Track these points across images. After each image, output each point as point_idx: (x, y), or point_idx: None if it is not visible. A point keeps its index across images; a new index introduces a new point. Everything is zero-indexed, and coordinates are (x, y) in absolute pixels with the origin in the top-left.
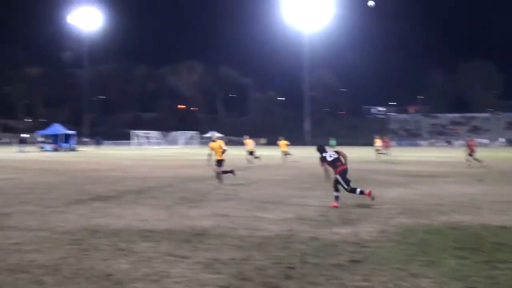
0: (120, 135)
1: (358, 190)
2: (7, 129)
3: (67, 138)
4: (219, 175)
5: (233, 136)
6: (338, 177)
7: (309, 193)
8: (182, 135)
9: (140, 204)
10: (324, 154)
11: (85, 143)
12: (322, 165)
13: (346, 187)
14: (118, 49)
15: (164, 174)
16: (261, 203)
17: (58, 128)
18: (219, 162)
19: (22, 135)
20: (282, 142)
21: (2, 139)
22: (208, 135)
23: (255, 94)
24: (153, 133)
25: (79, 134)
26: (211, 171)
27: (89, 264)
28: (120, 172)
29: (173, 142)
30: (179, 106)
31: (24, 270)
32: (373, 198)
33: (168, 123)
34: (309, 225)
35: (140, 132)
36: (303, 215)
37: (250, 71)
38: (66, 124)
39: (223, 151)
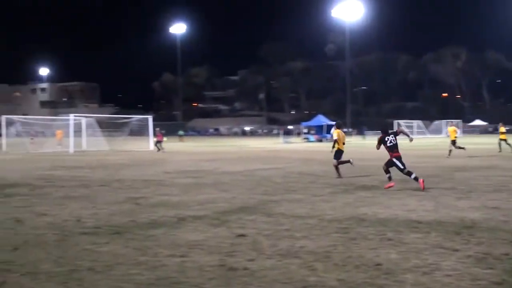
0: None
1: (414, 175)
2: (274, 121)
3: (330, 129)
4: (337, 168)
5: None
6: (395, 160)
7: None
8: (445, 124)
9: (405, 194)
10: (386, 138)
11: (348, 133)
12: (378, 147)
13: (402, 168)
14: (379, 39)
15: (427, 163)
16: None
17: (321, 119)
18: (337, 153)
19: (288, 127)
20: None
21: (270, 131)
22: (473, 123)
23: None
24: (415, 123)
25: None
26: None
27: (357, 252)
28: (384, 161)
29: (436, 131)
30: (442, 94)
31: (295, 255)
32: (424, 188)
33: (430, 112)
34: None
35: (402, 122)
36: None
37: None
38: (328, 115)
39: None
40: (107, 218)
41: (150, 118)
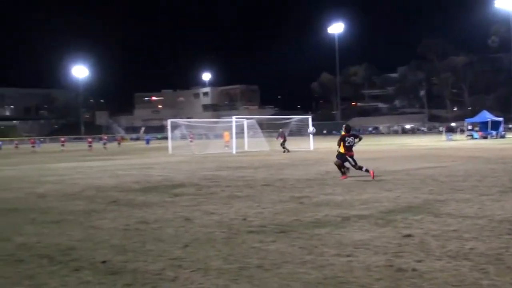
0: None
1: (364, 168)
2: (436, 119)
3: (495, 125)
4: (358, 167)
5: None
6: (349, 158)
7: None
8: None
9: None
10: (346, 138)
11: None
12: (340, 145)
13: (354, 164)
14: None
15: None
16: None
17: (486, 115)
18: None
19: (450, 124)
20: None
21: (431, 129)
22: None
23: None
24: None
25: (508, 120)
26: None
27: None
28: None
29: None
30: None
31: (465, 257)
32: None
33: None
34: None
35: None
36: None
37: None
38: (494, 110)
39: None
40: (272, 217)
41: (309, 118)
